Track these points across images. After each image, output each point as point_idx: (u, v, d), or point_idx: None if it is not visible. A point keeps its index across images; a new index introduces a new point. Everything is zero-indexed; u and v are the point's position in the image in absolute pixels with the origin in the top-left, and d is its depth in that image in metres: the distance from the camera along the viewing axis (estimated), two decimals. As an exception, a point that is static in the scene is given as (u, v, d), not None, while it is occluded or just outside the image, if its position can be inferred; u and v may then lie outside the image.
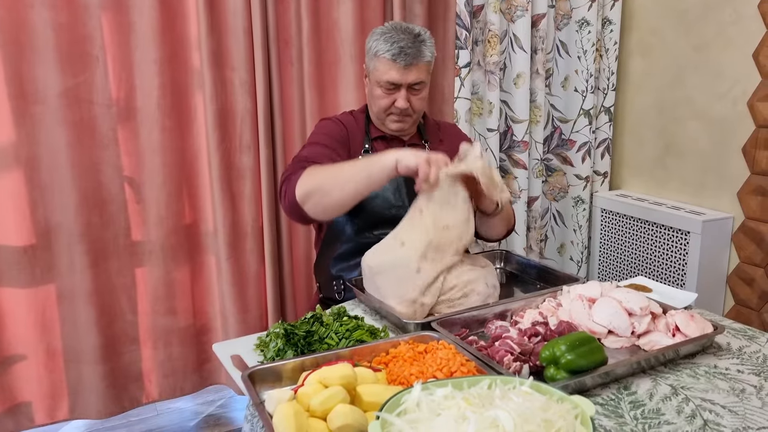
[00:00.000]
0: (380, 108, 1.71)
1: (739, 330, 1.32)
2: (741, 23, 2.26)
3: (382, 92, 1.68)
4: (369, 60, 1.71)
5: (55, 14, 1.95)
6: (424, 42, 1.67)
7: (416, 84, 1.67)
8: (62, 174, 2.03)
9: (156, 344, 2.29)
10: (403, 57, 1.62)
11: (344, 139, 1.74)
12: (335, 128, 1.76)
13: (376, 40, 1.67)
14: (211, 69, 2.14)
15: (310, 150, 1.67)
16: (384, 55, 1.63)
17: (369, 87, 1.75)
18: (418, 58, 1.64)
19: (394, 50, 1.62)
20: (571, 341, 1.08)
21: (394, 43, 1.63)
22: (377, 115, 1.75)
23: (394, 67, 1.63)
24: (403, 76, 1.64)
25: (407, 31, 1.66)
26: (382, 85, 1.67)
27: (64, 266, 2.08)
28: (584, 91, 2.67)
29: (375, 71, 1.68)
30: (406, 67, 1.63)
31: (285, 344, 1.20)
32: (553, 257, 2.92)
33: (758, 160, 2.24)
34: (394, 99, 1.68)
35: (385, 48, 1.63)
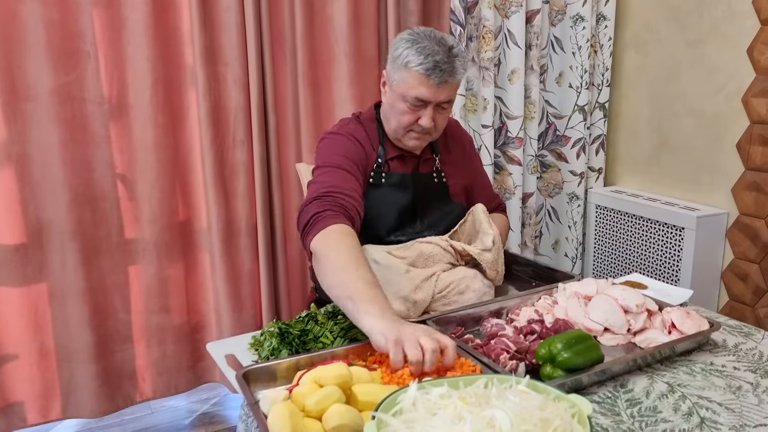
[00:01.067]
0: (401, 124, 1.55)
1: (735, 327, 1.32)
2: (735, 19, 2.26)
3: (407, 108, 1.51)
4: (394, 69, 1.52)
5: (46, 10, 1.92)
6: (459, 57, 1.49)
7: (445, 103, 1.53)
8: (54, 171, 2.01)
9: (150, 342, 2.27)
10: (438, 73, 1.45)
11: (361, 159, 1.58)
12: (354, 150, 1.58)
13: (407, 50, 1.47)
14: (204, 65, 2.12)
15: (337, 177, 1.47)
16: (416, 69, 1.45)
17: (390, 98, 1.56)
18: (452, 76, 1.48)
19: (428, 64, 1.44)
20: (567, 339, 1.08)
21: (429, 56, 1.44)
22: (395, 129, 1.58)
23: (426, 83, 1.46)
24: (435, 94, 1.48)
25: (442, 42, 1.48)
26: (409, 100, 1.50)
27: (56, 265, 2.07)
28: (579, 87, 2.67)
29: (402, 83, 1.49)
30: (440, 85, 1.47)
31: (279, 343, 1.19)
32: (548, 254, 2.92)
33: (752, 156, 2.24)
34: (418, 117, 1.52)
35: (417, 60, 1.45)
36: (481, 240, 1.50)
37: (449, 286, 1.41)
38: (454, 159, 1.76)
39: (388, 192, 1.61)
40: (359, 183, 1.51)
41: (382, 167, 1.61)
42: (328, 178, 1.46)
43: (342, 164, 1.51)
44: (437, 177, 1.69)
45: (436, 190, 1.69)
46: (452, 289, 1.42)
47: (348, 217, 1.36)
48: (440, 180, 1.70)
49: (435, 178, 1.69)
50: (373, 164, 1.61)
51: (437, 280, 1.42)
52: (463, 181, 1.77)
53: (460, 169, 1.76)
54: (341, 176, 1.48)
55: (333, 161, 1.52)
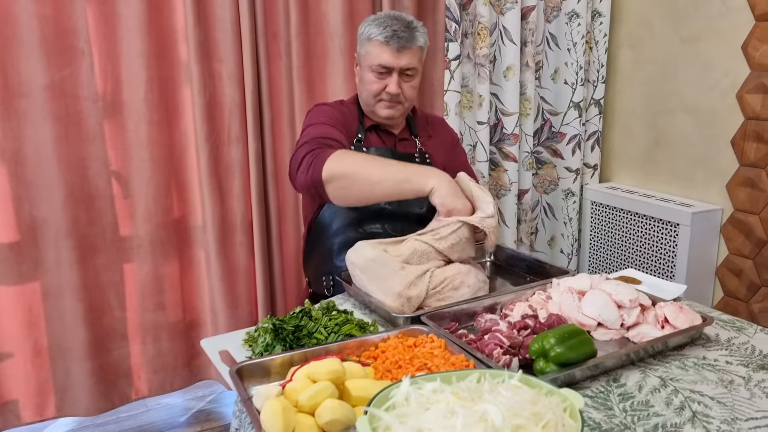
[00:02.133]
0: (370, 93, 1.69)
1: (728, 321, 1.32)
2: (730, 15, 2.26)
3: (374, 77, 1.66)
4: (360, 45, 1.70)
5: (40, 6, 1.92)
6: (417, 29, 1.67)
7: (408, 69, 1.66)
8: (48, 169, 2.01)
9: (145, 340, 2.27)
10: (396, 40, 1.61)
11: (343, 123, 1.71)
12: (334, 112, 1.73)
13: (369, 25, 1.66)
14: (199, 61, 2.12)
15: (324, 129, 1.62)
16: (377, 38, 1.63)
17: (360, 73, 1.73)
18: (411, 42, 1.64)
19: (388, 33, 1.61)
20: (560, 334, 1.08)
21: (387, 26, 1.62)
22: (366, 101, 1.72)
23: (387, 50, 1.62)
24: (396, 59, 1.63)
25: (400, 18, 1.66)
26: (374, 69, 1.65)
27: (51, 262, 2.06)
28: (574, 83, 2.67)
29: (367, 55, 1.66)
30: (399, 50, 1.62)
31: (273, 339, 1.19)
32: (544, 250, 2.92)
33: (747, 152, 2.25)
34: (385, 84, 1.66)
35: (378, 31, 1.63)
36: (482, 208, 1.48)
37: (443, 282, 1.41)
38: (436, 146, 1.84)
39: None
40: (344, 135, 1.64)
41: (362, 142, 1.72)
42: (315, 131, 1.60)
43: (327, 122, 1.66)
44: (420, 158, 1.77)
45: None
46: (446, 285, 1.42)
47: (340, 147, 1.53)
48: (423, 161, 1.77)
49: (417, 159, 1.76)
50: (353, 137, 1.72)
51: (431, 276, 1.42)
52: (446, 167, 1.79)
53: (442, 156, 1.83)
54: (328, 129, 1.62)
55: (319, 120, 1.67)
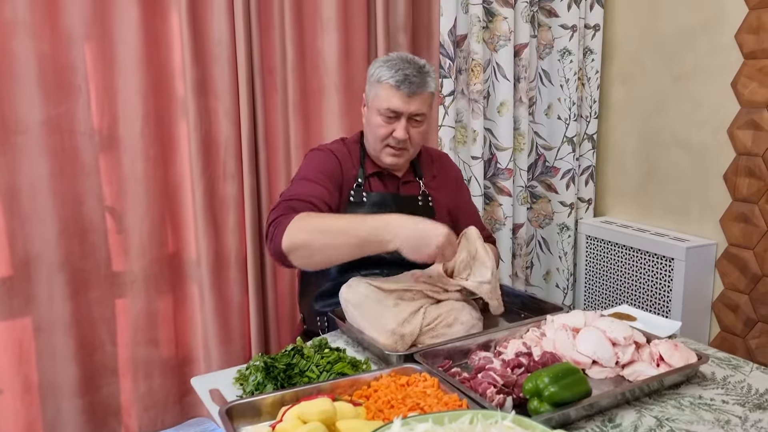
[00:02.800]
0: (377, 137, 1.64)
1: (724, 359, 1.31)
2: (719, 53, 2.30)
3: (382, 120, 1.62)
4: (370, 87, 1.66)
5: (38, 43, 1.94)
6: (429, 73, 1.62)
7: (417, 115, 1.62)
8: (42, 204, 2.01)
9: (136, 376, 2.24)
10: (407, 85, 1.57)
11: (336, 172, 1.66)
12: (326, 161, 1.68)
13: (380, 67, 1.62)
14: (195, 98, 2.14)
15: (300, 187, 1.59)
16: (387, 81, 1.58)
17: (367, 115, 1.69)
18: (422, 88, 1.60)
19: (399, 77, 1.57)
20: (554, 373, 1.07)
21: (399, 70, 1.58)
22: (373, 145, 1.68)
23: (397, 95, 1.58)
24: (406, 104, 1.59)
25: (412, 61, 1.62)
26: (383, 113, 1.61)
27: (43, 297, 2.04)
28: (567, 119, 2.70)
29: (376, 98, 1.62)
30: (410, 95, 1.58)
31: (264, 378, 1.17)
32: (539, 284, 2.91)
33: (739, 187, 2.26)
34: (392, 129, 1.61)
35: (388, 74, 1.58)
36: (480, 272, 1.48)
37: (437, 318, 1.41)
38: (440, 185, 1.80)
39: (369, 211, 1.64)
40: (324, 188, 1.60)
41: (362, 186, 1.67)
42: (289, 191, 1.60)
43: (308, 176, 1.63)
44: (423, 200, 1.73)
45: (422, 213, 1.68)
46: (440, 322, 1.41)
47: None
48: (426, 203, 1.73)
49: (420, 201, 1.72)
50: (353, 182, 1.68)
51: (425, 313, 1.41)
52: (450, 208, 1.80)
53: (446, 196, 1.80)
54: (302, 186, 1.59)
55: (301, 175, 1.65)
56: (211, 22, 2.15)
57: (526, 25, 2.56)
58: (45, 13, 1.95)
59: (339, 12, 2.30)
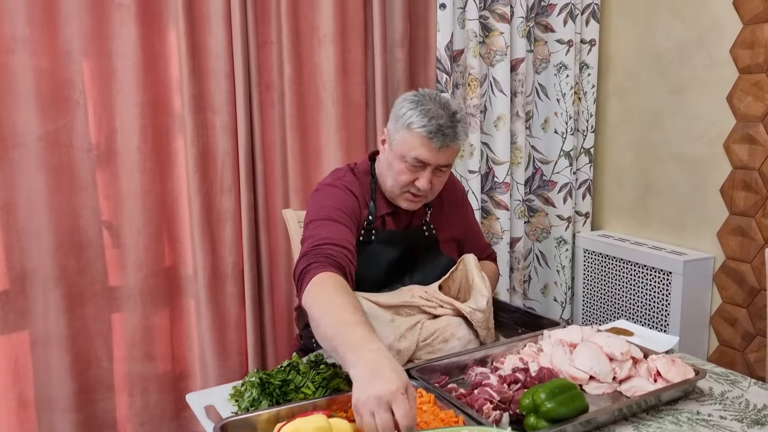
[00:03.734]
0: (397, 183, 1.54)
1: (721, 374, 1.31)
2: (714, 67, 2.31)
3: (405, 168, 1.51)
4: (397, 128, 1.52)
5: (36, 59, 1.95)
6: (461, 122, 1.50)
7: (444, 166, 1.53)
8: (39, 218, 2.01)
9: (132, 391, 2.23)
10: (440, 137, 1.46)
11: (356, 212, 1.56)
12: (346, 200, 1.56)
13: (411, 110, 1.48)
14: (193, 112, 2.14)
15: (329, 230, 1.44)
16: (419, 130, 1.46)
17: (389, 156, 1.56)
18: (454, 141, 1.49)
19: (431, 127, 1.45)
20: (551, 389, 1.07)
21: (432, 119, 1.45)
22: (392, 189, 1.57)
23: (428, 146, 1.46)
24: (435, 157, 1.48)
25: (446, 107, 1.49)
26: (408, 161, 1.49)
27: (39, 312, 2.04)
28: (564, 133, 2.71)
29: (403, 143, 1.49)
30: (441, 149, 1.47)
31: (260, 394, 1.17)
32: (537, 298, 2.91)
33: (736, 201, 2.27)
34: (415, 177, 1.51)
35: (420, 122, 1.46)
36: (475, 299, 1.47)
37: (434, 334, 1.40)
38: (448, 210, 1.76)
39: (377, 249, 1.60)
40: (352, 232, 1.49)
41: (372, 224, 1.60)
42: (318, 232, 1.44)
43: (333, 215, 1.49)
44: (427, 230, 1.69)
45: (426, 243, 1.69)
46: (437, 337, 1.40)
47: (335, 265, 1.33)
48: (430, 232, 1.70)
49: (425, 231, 1.69)
50: (364, 220, 1.59)
51: (422, 328, 1.41)
52: (455, 232, 1.78)
53: (453, 221, 1.77)
54: (331, 227, 1.45)
55: (324, 213, 1.50)
56: (209, 37, 2.16)
57: (522, 40, 2.58)
58: (43, 29, 1.96)
59: (336, 27, 2.31)
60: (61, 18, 1.99)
